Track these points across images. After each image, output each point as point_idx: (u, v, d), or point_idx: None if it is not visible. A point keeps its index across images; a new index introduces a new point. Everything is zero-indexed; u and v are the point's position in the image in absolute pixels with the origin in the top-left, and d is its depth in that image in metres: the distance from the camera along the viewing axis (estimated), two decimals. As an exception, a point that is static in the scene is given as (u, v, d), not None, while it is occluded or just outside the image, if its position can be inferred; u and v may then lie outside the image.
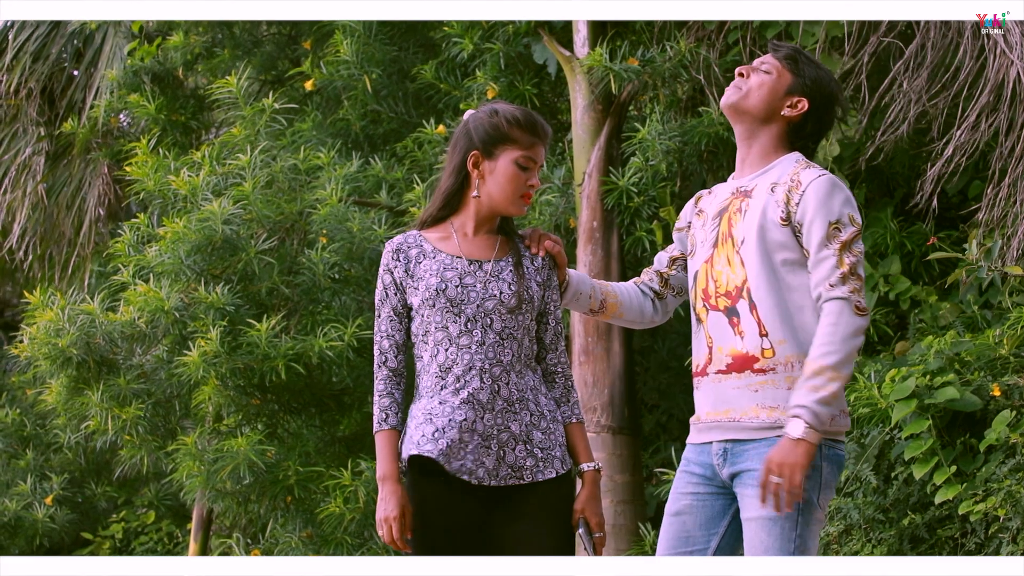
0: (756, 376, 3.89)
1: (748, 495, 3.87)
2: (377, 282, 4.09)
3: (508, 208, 4.05)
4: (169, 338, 8.33)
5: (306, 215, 8.55)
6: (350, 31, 9.37)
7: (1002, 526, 5.94)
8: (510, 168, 4.01)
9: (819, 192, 3.88)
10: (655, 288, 4.34)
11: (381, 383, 4.04)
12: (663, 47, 8.44)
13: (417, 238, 4.10)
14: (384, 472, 3.96)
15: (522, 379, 4.03)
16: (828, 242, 3.84)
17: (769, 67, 4.07)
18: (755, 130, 4.07)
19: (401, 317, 4.06)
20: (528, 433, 4.00)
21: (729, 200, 4.07)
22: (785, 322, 3.88)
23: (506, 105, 4.09)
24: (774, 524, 3.82)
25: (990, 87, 7.32)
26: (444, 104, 9.47)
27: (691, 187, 8.92)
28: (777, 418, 3.85)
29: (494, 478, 3.96)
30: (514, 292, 4.01)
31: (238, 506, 8.56)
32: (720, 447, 3.96)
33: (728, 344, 3.95)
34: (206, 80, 10.56)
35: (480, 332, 3.98)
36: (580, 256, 8.31)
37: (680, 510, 4.08)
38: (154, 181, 8.81)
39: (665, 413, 9.38)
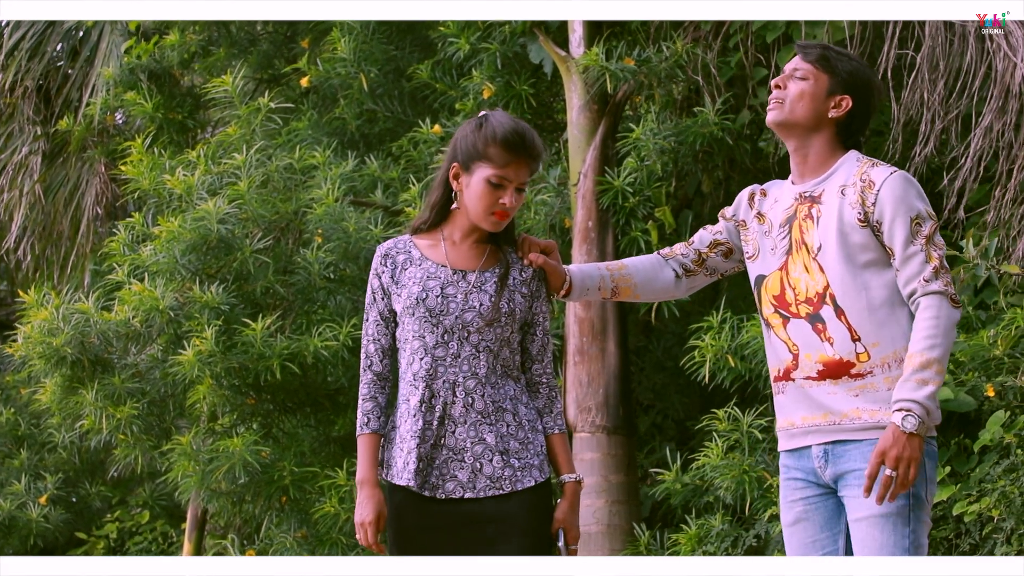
0: (855, 381, 3.89)
1: (855, 496, 3.87)
2: (367, 287, 4.10)
3: (481, 223, 4.02)
4: (164, 337, 8.32)
5: (301, 214, 8.54)
6: (348, 29, 9.36)
7: (996, 527, 5.93)
8: (481, 185, 3.98)
9: (895, 189, 3.88)
10: (687, 264, 4.30)
11: (365, 387, 4.05)
12: (659, 47, 8.43)
13: (407, 243, 4.09)
14: (363, 476, 3.98)
15: (498, 390, 4.02)
16: (913, 238, 3.85)
17: (804, 72, 4.04)
18: (807, 139, 4.05)
19: (388, 322, 4.06)
20: (505, 444, 3.98)
21: (795, 207, 4.05)
22: (876, 324, 3.89)
23: (497, 119, 4.03)
24: (886, 521, 3.82)
25: (998, 90, 7.32)
26: (440, 104, 9.46)
27: (686, 187, 8.93)
28: (880, 418, 3.85)
29: (471, 490, 3.95)
30: (492, 304, 4.00)
31: (233, 506, 8.56)
32: (820, 449, 3.96)
33: (816, 351, 3.94)
34: (202, 79, 10.55)
35: (456, 344, 3.97)
36: (575, 256, 8.30)
37: (797, 518, 4.05)
38: (149, 180, 8.80)
39: (660, 413, 9.37)
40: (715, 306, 8.10)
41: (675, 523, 7.96)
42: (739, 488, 7.07)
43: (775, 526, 6.86)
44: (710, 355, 7.52)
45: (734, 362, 7.45)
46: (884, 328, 3.88)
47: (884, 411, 3.84)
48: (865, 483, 3.77)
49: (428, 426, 3.96)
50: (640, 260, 4.33)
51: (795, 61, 4.08)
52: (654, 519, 8.50)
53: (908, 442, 3.73)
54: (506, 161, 3.96)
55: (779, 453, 4.14)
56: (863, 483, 3.80)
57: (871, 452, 3.81)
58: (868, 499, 3.80)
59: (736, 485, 7.07)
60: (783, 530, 4.11)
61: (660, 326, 9.04)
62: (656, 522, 8.39)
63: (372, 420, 4.02)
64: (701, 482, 7.53)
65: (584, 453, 8.04)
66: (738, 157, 8.71)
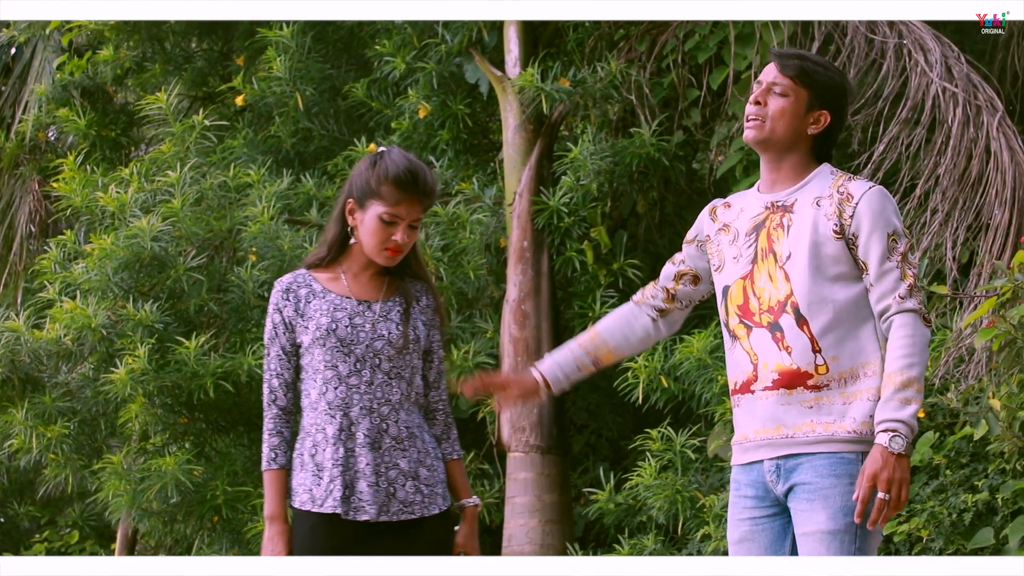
0: (810, 393, 3.82)
1: (803, 509, 3.80)
2: (267, 321, 4.12)
3: (375, 258, 4.10)
4: (96, 355, 8.25)
5: (236, 232, 8.50)
6: (283, 47, 9.34)
7: (925, 547, 5.99)
8: (374, 222, 4.05)
9: (873, 203, 3.83)
10: (659, 305, 4.23)
11: (271, 421, 4.08)
12: (594, 68, 8.48)
13: (306, 277, 4.14)
14: (273, 512, 4.01)
15: (410, 416, 4.10)
16: (890, 255, 3.81)
17: (784, 88, 3.95)
18: (783, 154, 3.99)
19: (290, 356, 4.09)
20: (416, 470, 4.06)
21: (766, 215, 3.98)
22: (837, 338, 3.82)
23: (392, 157, 4.10)
24: (833, 538, 3.76)
25: (909, 105, 7.42)
26: (376, 122, 9.46)
27: (621, 208, 8.97)
28: (834, 431, 3.79)
29: (385, 513, 4.00)
30: (401, 333, 4.08)
31: (164, 526, 8.48)
32: (773, 464, 3.88)
33: (773, 359, 3.86)
34: (136, 96, 10.49)
35: (369, 372, 4.04)
36: (511, 275, 8.31)
37: (742, 537, 3.98)
38: (82, 197, 8.74)
39: (594, 433, 9.39)
40: (649, 326, 8.13)
41: (608, 543, 7.97)
42: (672, 508, 7.10)
43: (707, 546, 6.89)
44: (643, 376, 7.56)
45: (667, 383, 7.49)
46: (845, 343, 3.83)
47: (838, 424, 3.78)
48: (858, 508, 3.71)
49: (350, 453, 4.00)
50: (613, 319, 4.27)
51: (773, 73, 3.99)
52: (587, 539, 8.51)
53: (897, 463, 3.70)
54: (398, 200, 4.03)
55: (732, 468, 4.08)
56: (811, 498, 3.77)
57: (823, 466, 3.77)
58: (817, 514, 3.76)
59: (669, 505, 7.10)
60: (730, 547, 4.05)
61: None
62: (589, 542, 8.40)
63: (280, 455, 4.06)
64: (634, 502, 7.55)
65: (518, 473, 8.04)
66: (673, 177, 8.76)
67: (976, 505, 5.78)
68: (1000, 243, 6.92)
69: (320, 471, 3.99)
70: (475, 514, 4.21)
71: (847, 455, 3.79)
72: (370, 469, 3.98)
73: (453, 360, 8.06)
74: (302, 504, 3.99)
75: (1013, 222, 6.94)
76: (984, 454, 6.02)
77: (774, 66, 4.01)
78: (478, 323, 8.45)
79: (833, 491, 3.77)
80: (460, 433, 9.03)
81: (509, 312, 8.29)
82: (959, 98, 7.30)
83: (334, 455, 3.98)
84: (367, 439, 4.00)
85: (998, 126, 7.22)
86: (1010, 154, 7.11)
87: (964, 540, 5.78)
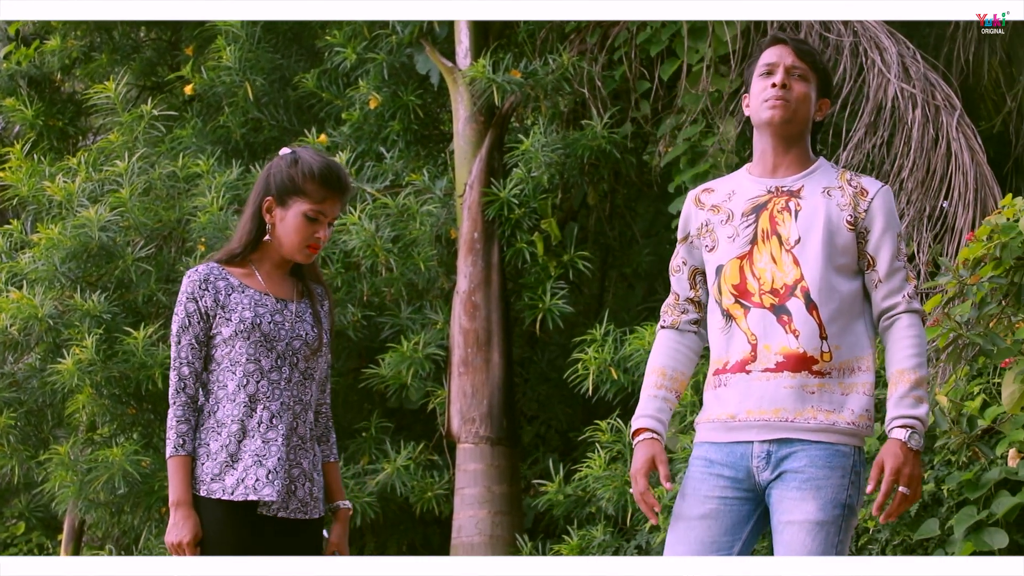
0: (814, 378, 3.83)
1: (792, 498, 3.79)
2: (177, 309, 4.12)
3: (294, 256, 4.15)
4: (42, 346, 8.20)
5: (185, 223, 8.46)
6: (233, 37, 9.30)
7: (872, 537, 6.03)
8: (298, 219, 4.10)
9: (887, 202, 3.91)
10: (695, 318, 4.17)
11: (179, 409, 4.08)
12: (545, 60, 8.48)
13: (222, 271, 4.16)
14: (181, 497, 4.02)
15: (310, 418, 4.20)
16: (898, 255, 3.88)
17: (803, 72, 3.98)
18: (796, 139, 4.01)
19: (202, 346, 4.11)
20: (312, 472, 4.16)
21: (768, 198, 3.97)
22: (840, 328, 3.85)
23: (310, 155, 4.16)
24: (820, 529, 3.75)
25: (870, 106, 7.45)
26: (326, 113, 9.43)
27: (572, 199, 8.98)
28: (834, 421, 3.80)
29: (284, 510, 4.07)
30: (316, 335, 4.18)
31: (111, 517, 8.45)
32: (764, 449, 3.86)
33: (778, 342, 3.85)
34: (84, 85, 10.42)
35: (288, 369, 4.11)
36: (460, 267, 8.31)
37: (706, 514, 3.91)
38: (28, 187, 8.68)
39: (544, 424, 9.41)
40: (599, 319, 8.16)
41: (557, 534, 7.99)
42: (621, 499, 7.12)
43: (656, 537, 6.91)
44: (593, 367, 7.57)
45: (617, 374, 7.51)
46: (845, 334, 3.86)
47: (838, 415, 3.80)
48: (878, 499, 3.75)
49: (265, 446, 4.06)
50: (668, 354, 4.17)
51: (790, 57, 3.99)
52: (536, 530, 8.53)
53: (915, 459, 3.76)
54: (323, 197, 4.10)
55: (699, 444, 4.01)
56: (802, 486, 3.77)
57: (820, 456, 3.78)
58: (807, 504, 3.76)
59: (618, 496, 7.11)
60: (678, 521, 3.98)
61: (545, 338, 9.08)
62: (539, 533, 8.41)
63: (187, 442, 4.06)
64: (583, 493, 7.56)
65: (468, 464, 8.05)
66: (623, 170, 8.78)
67: (922, 496, 5.83)
68: (964, 244, 6.96)
69: (234, 461, 4.03)
70: (347, 517, 4.32)
71: (843, 448, 3.82)
72: (280, 465, 4.05)
73: (403, 352, 8.05)
74: (211, 493, 4.02)
75: (976, 222, 6.99)
76: (931, 446, 6.07)
77: (789, 50, 4.01)
78: (428, 314, 8.44)
79: (827, 482, 3.78)
80: (410, 423, 9.09)
81: (459, 303, 8.30)
82: (917, 98, 7.33)
83: (250, 447, 4.05)
84: (283, 435, 4.07)
85: (957, 125, 7.25)
86: (970, 154, 7.14)
87: (910, 531, 5.83)
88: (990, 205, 6.94)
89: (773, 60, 4.01)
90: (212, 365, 4.12)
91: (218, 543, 4.01)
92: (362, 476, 8.19)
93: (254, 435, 4.05)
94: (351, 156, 8.73)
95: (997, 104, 8.51)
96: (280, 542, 4.07)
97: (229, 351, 4.09)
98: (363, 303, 8.43)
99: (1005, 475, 5.57)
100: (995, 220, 4.58)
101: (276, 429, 4.06)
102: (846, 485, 3.81)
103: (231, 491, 4.00)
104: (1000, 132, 8.46)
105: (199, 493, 4.03)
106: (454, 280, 8.43)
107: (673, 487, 4.05)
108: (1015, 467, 5.55)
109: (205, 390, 4.12)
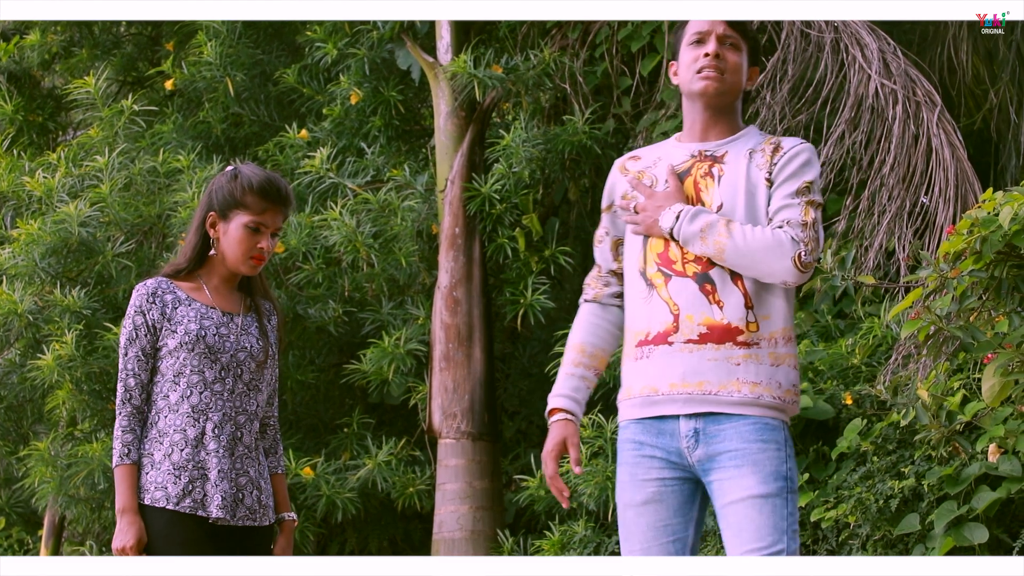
0: (739, 349, 3.73)
1: (730, 477, 3.70)
2: (126, 322, 4.23)
3: (239, 268, 4.28)
4: (22, 341, 8.18)
5: (165, 218, 8.44)
6: (214, 32, 9.28)
7: (852, 533, 6.04)
8: (240, 231, 4.24)
9: (802, 155, 3.83)
10: (618, 291, 4.08)
11: (125, 419, 4.18)
12: (527, 55, 8.48)
13: (169, 284, 4.27)
14: (127, 504, 4.11)
15: (255, 428, 4.30)
16: (798, 195, 3.77)
17: (735, 41, 3.93)
18: (727, 107, 3.95)
19: (148, 358, 4.22)
20: (259, 481, 4.27)
21: (691, 163, 3.91)
22: (769, 295, 3.76)
23: (250, 170, 4.30)
24: (766, 503, 3.67)
25: (851, 102, 7.46)
26: (307, 108, 9.42)
27: (553, 195, 8.98)
28: (760, 394, 3.71)
29: (232, 518, 4.17)
30: (262, 347, 4.31)
31: (91, 512, 8.43)
32: (690, 427, 3.76)
33: (700, 312, 3.76)
34: (64, 80, 10.39)
35: (232, 381, 4.23)
36: (442, 262, 8.30)
37: (648, 499, 3.83)
38: (8, 182, 8.66)
39: (525, 420, 9.40)
40: (580, 313, 8.15)
41: (539, 529, 7.99)
42: (602, 495, 7.12)
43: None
44: (575, 362, 7.56)
45: (598, 369, 7.50)
46: (776, 300, 3.77)
47: (764, 387, 3.72)
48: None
49: (209, 456, 4.16)
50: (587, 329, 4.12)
51: (720, 25, 3.94)
52: (518, 525, 8.53)
53: (661, 204, 3.86)
54: (263, 208, 4.24)
55: (624, 425, 3.93)
56: (739, 463, 3.68)
57: (749, 431, 3.70)
58: (747, 479, 3.67)
59: (599, 492, 7.11)
60: (625, 510, 3.90)
61: (526, 333, 9.08)
62: (520, 528, 8.41)
63: (133, 451, 4.16)
64: (565, 488, 7.55)
65: (449, 459, 8.04)
66: (605, 165, 8.78)
67: (903, 492, 5.84)
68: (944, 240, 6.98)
69: (178, 471, 4.13)
70: (292, 529, 4.43)
71: (771, 420, 3.74)
72: (224, 474, 4.15)
73: (385, 347, 8.04)
74: (155, 501, 4.12)
75: (957, 218, 7.00)
76: (911, 441, 6.08)
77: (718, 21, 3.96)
78: (409, 310, 8.43)
79: (762, 455, 3.70)
80: (391, 419, 9.08)
81: (440, 299, 8.29)
82: (898, 95, 7.35)
83: (194, 457, 4.15)
84: (225, 445, 4.18)
85: (937, 122, 7.27)
86: (951, 150, 7.16)
87: (891, 526, 5.84)
88: (970, 201, 6.95)
89: (704, 28, 3.96)
90: (157, 377, 4.22)
91: (164, 550, 4.10)
92: (343, 472, 8.18)
93: (196, 445, 4.16)
94: (332, 151, 8.72)
95: (979, 101, 8.52)
96: (228, 549, 4.16)
97: (174, 363, 4.19)
98: (344, 299, 8.42)
99: (985, 470, 5.59)
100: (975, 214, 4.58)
101: (218, 439, 4.16)
102: (784, 458, 3.73)
103: (175, 501, 4.10)
104: (981, 129, 8.48)
105: (144, 501, 4.13)
106: (435, 275, 8.43)
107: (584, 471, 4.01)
108: (995, 462, 5.57)
109: (149, 401, 4.21)
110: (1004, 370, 4.68)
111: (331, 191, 8.67)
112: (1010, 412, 5.58)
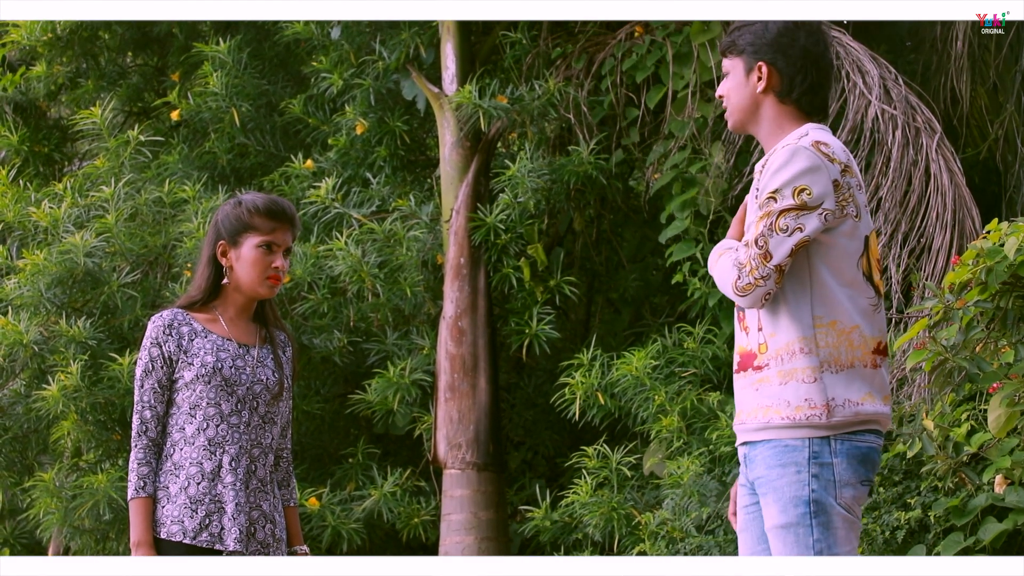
0: (755, 374, 3.71)
1: (764, 506, 3.68)
2: (142, 354, 4.22)
3: (257, 290, 4.27)
4: (27, 372, 8.17)
5: (171, 248, 8.45)
6: (219, 63, 9.30)
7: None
8: (253, 252, 4.24)
9: (774, 162, 3.66)
10: None
11: (141, 452, 4.17)
12: (532, 85, 8.49)
13: (185, 316, 4.26)
14: (142, 538, 4.10)
15: (269, 461, 4.28)
16: (760, 209, 3.64)
17: (726, 68, 3.92)
18: (756, 120, 3.86)
19: (164, 390, 4.21)
20: (272, 514, 4.25)
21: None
22: (774, 312, 3.68)
23: (251, 195, 4.34)
24: (788, 532, 3.61)
25: (850, 126, 7.47)
26: (313, 139, 9.44)
27: (558, 225, 8.98)
28: (770, 417, 3.65)
29: (244, 552, 4.15)
30: (277, 380, 4.29)
31: (96, 544, 8.41)
32: (741, 453, 3.79)
33: (738, 342, 3.79)
34: (70, 111, 10.41)
35: (248, 413, 4.21)
36: (447, 292, 8.30)
37: (742, 526, 3.85)
38: (14, 212, 8.66)
39: (531, 450, 9.39)
40: (585, 344, 8.16)
41: (544, 560, 7.97)
42: (607, 525, 7.10)
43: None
44: (580, 392, 7.56)
45: (604, 399, 7.50)
46: (781, 318, 3.66)
47: (774, 409, 3.64)
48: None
49: (225, 490, 4.14)
50: None
51: (723, 63, 3.95)
52: (523, 556, 8.50)
53: None
54: (272, 227, 4.25)
55: None
56: (764, 491, 3.64)
57: (769, 456, 3.64)
58: (769, 508, 3.63)
59: (604, 522, 7.10)
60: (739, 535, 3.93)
61: (531, 363, 9.07)
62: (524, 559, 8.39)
63: (148, 484, 4.15)
64: (570, 519, 7.55)
65: (454, 490, 8.03)
66: (610, 195, 8.79)
67: (909, 523, 5.82)
68: (942, 265, 6.97)
69: (195, 505, 4.11)
70: None
71: (791, 442, 3.64)
72: (240, 507, 4.13)
73: (390, 377, 8.04)
74: (171, 535, 4.10)
75: (954, 244, 7.00)
76: (917, 472, 6.07)
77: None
78: (415, 340, 8.43)
79: (780, 481, 3.63)
80: (396, 449, 9.07)
81: (446, 329, 8.29)
82: (898, 120, 7.36)
83: (211, 490, 4.13)
84: (241, 478, 4.16)
85: (936, 148, 7.28)
86: (949, 176, 7.16)
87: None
88: (967, 227, 6.96)
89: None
90: (172, 409, 4.21)
91: None
92: (348, 502, 8.17)
93: (213, 478, 4.14)
94: (337, 182, 8.73)
95: (984, 132, 8.53)
96: None
97: (190, 395, 4.18)
98: (349, 328, 8.42)
99: (992, 501, 5.57)
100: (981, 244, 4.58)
101: (235, 472, 4.14)
102: (804, 480, 3.61)
103: (192, 535, 4.08)
104: (987, 159, 8.48)
105: (159, 535, 4.11)
106: (440, 305, 8.43)
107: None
108: (1002, 493, 5.55)
109: (165, 433, 4.20)
110: (1010, 400, 4.68)
111: (336, 221, 8.68)
112: (1016, 443, 5.56)
